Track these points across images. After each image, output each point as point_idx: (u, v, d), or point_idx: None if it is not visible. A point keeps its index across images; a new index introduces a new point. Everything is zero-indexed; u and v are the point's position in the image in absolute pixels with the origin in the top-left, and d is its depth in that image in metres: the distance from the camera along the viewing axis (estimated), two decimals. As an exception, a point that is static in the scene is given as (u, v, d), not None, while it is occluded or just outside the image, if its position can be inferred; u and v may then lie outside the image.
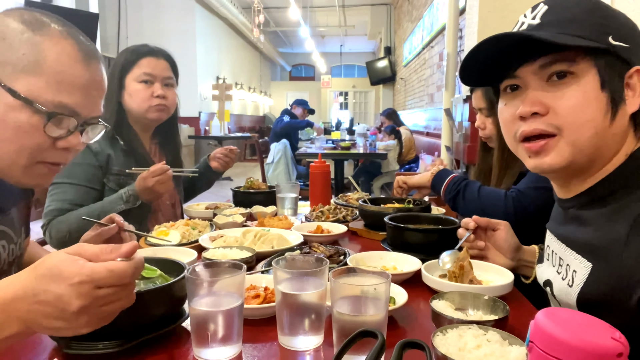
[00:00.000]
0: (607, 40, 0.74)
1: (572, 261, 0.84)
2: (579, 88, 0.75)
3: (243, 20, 11.74)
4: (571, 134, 0.76)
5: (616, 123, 0.76)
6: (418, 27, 6.88)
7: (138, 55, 1.65)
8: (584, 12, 0.76)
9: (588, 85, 0.75)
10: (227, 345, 0.74)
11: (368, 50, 17.68)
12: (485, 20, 2.63)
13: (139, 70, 1.63)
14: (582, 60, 0.75)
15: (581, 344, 0.47)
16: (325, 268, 0.78)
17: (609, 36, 0.74)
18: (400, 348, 0.55)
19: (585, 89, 0.75)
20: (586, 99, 0.75)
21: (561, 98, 0.76)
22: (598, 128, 0.75)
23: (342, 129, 7.43)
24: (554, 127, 0.77)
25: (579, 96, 0.75)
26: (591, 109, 0.75)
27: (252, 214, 1.76)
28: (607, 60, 0.75)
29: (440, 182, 1.62)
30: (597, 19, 0.76)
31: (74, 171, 1.53)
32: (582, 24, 0.75)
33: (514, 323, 0.84)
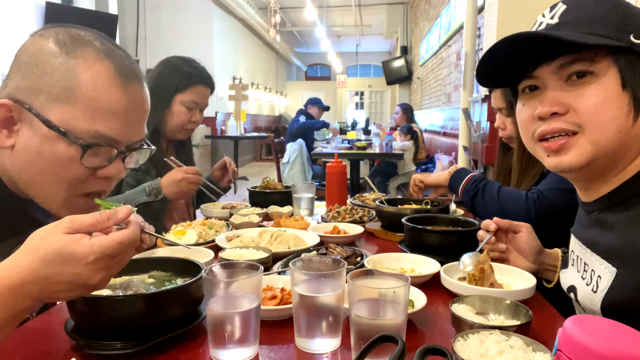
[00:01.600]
0: (629, 38, 0.73)
1: (597, 266, 0.82)
2: (600, 87, 0.74)
3: (259, 21, 11.79)
4: (593, 132, 0.75)
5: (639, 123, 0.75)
6: (435, 26, 6.82)
7: (192, 81, 1.70)
8: (604, 10, 0.75)
9: (609, 84, 0.74)
10: (244, 347, 0.74)
11: (384, 50, 17.59)
12: (504, 19, 2.58)
13: (189, 97, 1.70)
14: (602, 59, 0.74)
15: (612, 353, 0.45)
16: (342, 270, 0.77)
17: (631, 34, 0.73)
18: (422, 354, 0.54)
19: (606, 87, 0.74)
20: (607, 98, 0.74)
21: (581, 97, 0.75)
22: (621, 127, 0.74)
23: (358, 129, 7.41)
24: (575, 125, 0.76)
25: (600, 94, 0.74)
26: (613, 108, 0.74)
27: (268, 214, 1.76)
28: (629, 59, 0.73)
29: (459, 181, 1.59)
30: (619, 16, 0.74)
31: None
32: (602, 23, 0.74)
33: (537, 328, 0.82)
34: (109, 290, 0.83)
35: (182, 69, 1.70)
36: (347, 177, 1.98)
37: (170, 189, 1.58)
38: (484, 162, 3.02)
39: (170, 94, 1.68)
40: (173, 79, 1.68)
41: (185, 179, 1.59)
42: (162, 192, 1.57)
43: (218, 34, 10.04)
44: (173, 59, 1.74)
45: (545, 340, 0.68)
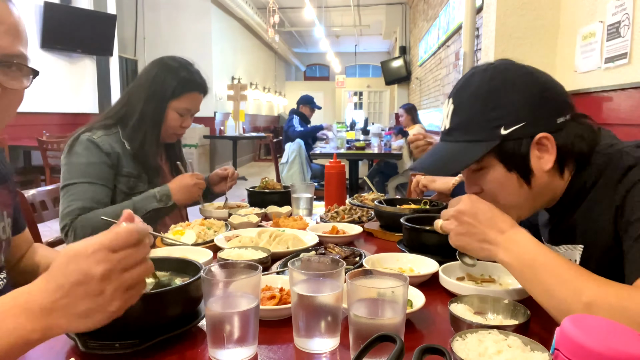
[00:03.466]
0: (499, 133, 0.89)
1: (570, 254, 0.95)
2: (491, 176, 0.93)
3: (258, 21, 11.79)
4: (503, 202, 0.93)
5: (535, 184, 0.91)
6: (434, 26, 6.83)
7: (188, 87, 1.67)
8: (476, 111, 0.92)
9: (496, 172, 0.92)
10: (242, 347, 0.74)
11: (383, 50, 17.61)
12: (503, 19, 2.59)
13: (183, 104, 1.67)
14: (485, 157, 0.91)
15: (609, 352, 0.45)
16: (341, 270, 0.77)
17: (500, 128, 0.89)
18: (420, 353, 0.54)
19: (495, 176, 0.92)
20: (500, 182, 0.92)
21: (484, 183, 0.95)
22: (522, 194, 0.92)
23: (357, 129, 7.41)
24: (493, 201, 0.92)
25: (493, 181, 0.93)
26: (507, 188, 0.92)
27: (267, 214, 1.76)
28: (505, 147, 0.90)
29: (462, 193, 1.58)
30: (488, 113, 0.90)
31: (88, 170, 1.54)
32: (477, 126, 0.91)
33: (535, 328, 0.82)
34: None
35: (178, 74, 1.65)
36: (345, 177, 1.99)
37: (181, 194, 1.59)
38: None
39: (166, 101, 1.64)
40: (169, 84, 1.63)
41: (197, 185, 1.62)
42: (172, 198, 1.57)
43: (217, 34, 10.04)
44: (168, 61, 1.68)
45: (544, 340, 0.68)
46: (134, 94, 1.67)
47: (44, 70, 5.84)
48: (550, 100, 0.91)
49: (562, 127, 0.90)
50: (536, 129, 0.89)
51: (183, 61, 1.71)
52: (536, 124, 0.89)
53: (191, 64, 1.73)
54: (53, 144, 5.33)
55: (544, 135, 0.88)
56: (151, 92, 1.63)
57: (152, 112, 1.63)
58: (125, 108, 1.66)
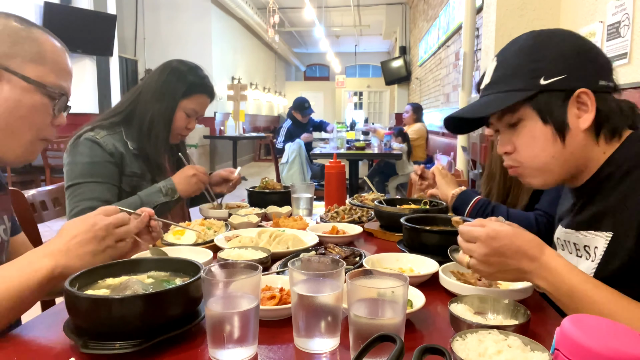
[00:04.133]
0: (538, 83, 0.88)
1: (591, 240, 0.92)
2: (526, 129, 0.92)
3: (258, 21, 11.79)
4: (531, 164, 0.94)
5: (570, 142, 0.90)
6: (434, 27, 6.83)
7: (197, 89, 1.69)
8: (520, 62, 0.91)
9: (532, 124, 0.91)
10: (242, 347, 0.74)
11: (383, 50, 17.61)
12: (502, 19, 2.59)
13: (190, 104, 1.69)
14: (521, 107, 0.91)
15: (609, 352, 0.45)
16: (341, 270, 0.77)
17: (540, 78, 0.88)
18: (420, 353, 0.54)
19: (531, 128, 0.92)
20: (533, 136, 0.92)
21: (518, 138, 0.94)
22: (552, 153, 0.91)
23: (357, 129, 7.40)
24: (517, 162, 0.96)
25: (527, 135, 0.92)
26: (540, 142, 0.91)
27: (267, 214, 1.76)
28: (543, 99, 0.89)
29: (464, 206, 1.57)
30: (531, 64, 0.90)
31: (95, 170, 1.54)
32: (517, 76, 0.91)
33: (535, 328, 0.82)
34: (108, 290, 0.83)
35: (188, 76, 1.68)
36: (345, 177, 1.99)
37: (182, 186, 1.60)
38: (482, 162, 3.03)
39: (176, 101, 1.66)
40: (180, 85, 1.66)
41: (196, 176, 1.63)
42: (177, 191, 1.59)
43: (217, 34, 10.04)
44: (179, 65, 1.71)
45: (544, 340, 0.68)
46: (143, 95, 1.68)
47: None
48: (594, 61, 0.89)
49: (603, 90, 0.88)
50: (577, 83, 0.87)
51: (192, 65, 1.74)
52: (577, 78, 0.87)
53: (201, 68, 1.75)
54: (53, 144, 5.33)
55: (584, 90, 0.86)
56: (162, 93, 1.65)
57: (164, 112, 1.65)
58: (131, 108, 1.67)
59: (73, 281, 0.80)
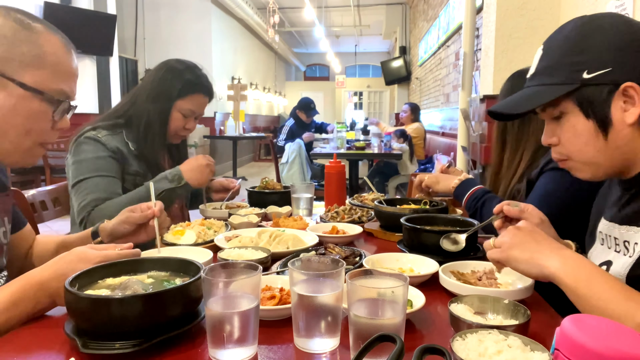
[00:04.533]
0: (581, 77, 0.86)
1: (632, 236, 0.90)
2: (569, 123, 0.91)
3: (258, 21, 11.78)
4: (578, 157, 0.92)
5: (613, 137, 0.87)
6: (434, 27, 6.83)
7: (193, 88, 1.68)
8: (564, 53, 0.89)
9: (575, 119, 0.90)
10: (242, 347, 0.74)
11: (383, 50, 17.60)
12: (502, 19, 2.59)
13: (187, 105, 1.68)
14: (563, 101, 0.90)
15: (609, 352, 0.45)
16: (341, 270, 0.77)
17: (583, 72, 0.86)
18: (420, 353, 0.54)
19: (573, 123, 0.90)
20: (576, 131, 0.90)
21: (562, 132, 0.93)
22: (597, 147, 0.89)
23: (357, 129, 7.41)
24: (564, 155, 0.95)
25: (570, 129, 0.91)
26: (583, 137, 0.90)
27: (267, 214, 1.76)
28: (585, 93, 0.87)
29: (463, 193, 1.58)
30: (573, 56, 0.87)
31: (98, 164, 1.55)
32: (560, 69, 0.89)
33: (535, 328, 0.82)
34: (108, 290, 0.83)
35: (184, 76, 1.67)
36: (345, 177, 1.99)
37: (193, 174, 1.59)
38: (482, 162, 3.03)
39: (172, 101, 1.66)
40: (175, 85, 1.65)
41: (209, 166, 1.62)
42: (184, 178, 1.58)
43: (217, 34, 10.03)
44: (176, 64, 1.70)
45: (544, 340, 0.68)
46: (139, 95, 1.68)
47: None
48: None
49: None
50: (623, 76, 0.84)
51: (190, 64, 1.72)
52: (623, 71, 0.84)
53: (198, 67, 1.74)
54: (53, 143, 5.33)
55: (630, 84, 0.83)
56: (157, 93, 1.64)
57: (159, 112, 1.65)
58: (130, 109, 1.67)
59: (73, 281, 0.80)
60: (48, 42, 0.93)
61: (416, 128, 6.13)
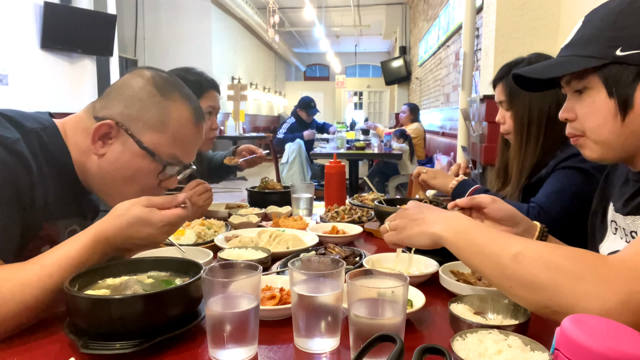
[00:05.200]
0: (614, 53, 0.83)
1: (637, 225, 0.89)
2: (590, 98, 0.89)
3: (258, 21, 11.79)
4: (591, 135, 0.90)
5: (631, 120, 0.85)
6: (434, 27, 6.83)
7: (204, 88, 1.70)
8: (603, 26, 0.86)
9: (597, 95, 0.87)
10: (242, 347, 0.74)
11: (383, 50, 17.61)
12: (503, 19, 2.59)
13: (205, 103, 1.69)
14: (589, 75, 0.87)
15: (609, 352, 0.45)
16: (341, 270, 0.77)
17: (618, 49, 0.83)
18: (420, 353, 0.54)
19: (594, 99, 0.88)
20: (595, 108, 0.88)
21: (580, 107, 0.91)
22: (612, 128, 0.87)
23: (357, 129, 7.41)
24: (579, 131, 0.93)
25: (590, 105, 0.89)
26: (601, 115, 0.87)
27: (267, 214, 1.76)
28: (614, 70, 0.84)
29: (462, 194, 1.57)
30: (613, 32, 0.84)
31: None
32: (594, 42, 0.87)
33: (535, 328, 0.82)
34: (108, 290, 0.83)
35: (188, 79, 1.65)
36: (345, 177, 1.99)
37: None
38: (482, 162, 3.03)
39: None
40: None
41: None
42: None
43: (217, 34, 10.04)
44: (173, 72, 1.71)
45: (544, 340, 0.68)
46: None
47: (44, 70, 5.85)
48: None
49: None
50: None
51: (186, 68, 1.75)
52: None
53: (193, 68, 1.75)
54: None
55: None
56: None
57: None
58: None
59: (73, 281, 0.80)
60: (177, 111, 1.02)
61: (415, 128, 6.14)
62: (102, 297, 0.76)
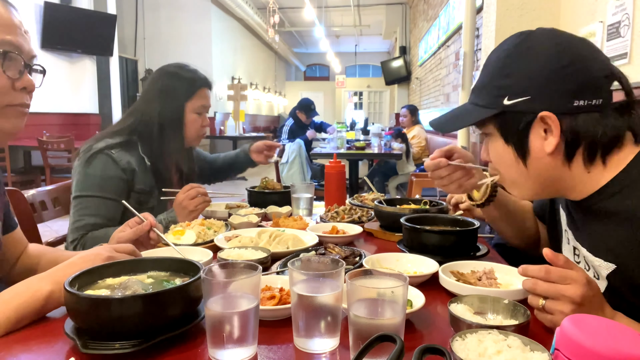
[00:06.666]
0: (502, 103, 0.86)
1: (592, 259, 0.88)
2: (493, 145, 0.94)
3: (258, 21, 11.79)
4: (505, 177, 0.95)
5: (532, 165, 0.88)
6: (434, 27, 6.83)
7: (197, 85, 1.70)
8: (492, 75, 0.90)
9: (497, 142, 0.92)
10: (242, 347, 0.74)
11: (383, 50, 17.61)
12: (502, 19, 2.59)
13: (197, 102, 1.70)
14: (488, 123, 0.92)
15: (609, 353, 0.45)
16: (341, 270, 0.77)
17: (504, 98, 0.86)
18: (420, 353, 0.54)
19: (495, 145, 0.93)
20: (498, 153, 0.93)
21: (490, 150, 0.96)
22: (518, 171, 0.91)
23: (357, 129, 7.41)
24: (497, 171, 0.98)
25: (494, 150, 0.94)
26: (505, 159, 0.92)
27: (267, 214, 1.76)
28: (505, 119, 0.88)
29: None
30: (500, 80, 0.87)
31: (104, 184, 1.53)
32: (485, 91, 0.91)
33: (535, 328, 0.82)
34: (108, 290, 0.83)
35: (183, 76, 1.68)
36: (345, 177, 1.98)
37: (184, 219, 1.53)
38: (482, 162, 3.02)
39: (182, 106, 1.67)
40: (180, 88, 1.66)
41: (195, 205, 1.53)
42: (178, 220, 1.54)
43: (217, 34, 10.04)
44: (169, 68, 1.71)
45: (544, 340, 0.68)
46: (147, 108, 1.67)
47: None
48: (570, 79, 0.82)
49: (577, 112, 0.82)
50: (541, 105, 0.83)
51: (180, 64, 1.74)
52: (543, 100, 0.83)
53: (187, 64, 1.74)
54: (53, 144, 5.34)
55: (547, 114, 0.82)
56: (164, 101, 1.65)
57: (171, 119, 1.65)
58: (140, 122, 1.66)
59: (73, 281, 0.80)
60: None
61: (417, 133, 6.11)
62: (102, 297, 0.76)
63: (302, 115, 6.00)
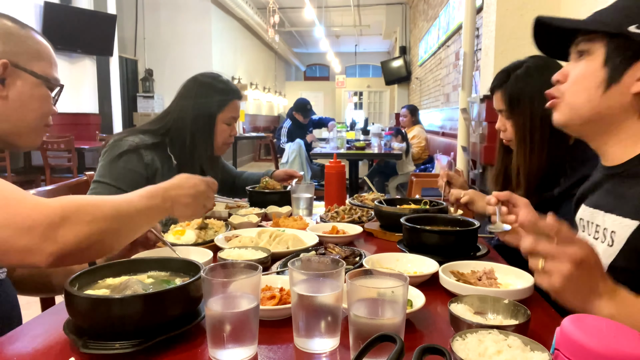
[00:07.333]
0: (626, 28, 0.84)
1: (611, 224, 0.89)
2: (585, 62, 0.91)
3: (258, 21, 11.79)
4: (569, 97, 0.93)
5: (611, 95, 0.87)
6: (434, 27, 6.83)
7: (229, 97, 1.75)
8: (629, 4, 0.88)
9: (593, 61, 0.89)
10: (242, 347, 0.74)
11: (383, 50, 17.60)
12: (502, 19, 2.59)
13: (228, 113, 1.76)
14: (597, 40, 0.89)
15: (609, 352, 0.45)
16: (341, 270, 0.77)
17: (632, 25, 0.84)
18: (420, 353, 0.54)
19: (589, 64, 0.90)
20: (586, 72, 0.90)
21: (573, 69, 0.93)
22: (590, 96, 0.89)
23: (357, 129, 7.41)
24: (559, 92, 0.95)
25: (582, 68, 0.91)
26: (588, 80, 0.90)
27: (267, 214, 1.76)
28: (620, 43, 0.86)
29: None
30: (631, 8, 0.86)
31: (123, 174, 1.56)
32: (614, 12, 0.89)
33: (535, 328, 0.82)
34: (108, 290, 0.83)
35: (216, 87, 1.73)
36: (345, 177, 1.99)
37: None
38: (482, 162, 3.03)
39: (214, 117, 1.72)
40: (213, 100, 1.71)
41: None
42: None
43: (217, 34, 10.04)
44: (202, 78, 1.75)
45: (544, 340, 0.68)
46: (179, 115, 1.71)
47: (44, 70, 5.84)
48: None
49: None
50: None
51: (214, 74, 1.79)
52: None
53: (220, 75, 1.80)
54: (53, 144, 5.33)
55: None
56: (197, 111, 1.70)
57: (202, 130, 1.70)
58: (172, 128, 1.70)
59: (73, 281, 0.80)
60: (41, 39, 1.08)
61: (418, 133, 6.11)
62: (102, 297, 0.76)
63: (299, 116, 6.00)
